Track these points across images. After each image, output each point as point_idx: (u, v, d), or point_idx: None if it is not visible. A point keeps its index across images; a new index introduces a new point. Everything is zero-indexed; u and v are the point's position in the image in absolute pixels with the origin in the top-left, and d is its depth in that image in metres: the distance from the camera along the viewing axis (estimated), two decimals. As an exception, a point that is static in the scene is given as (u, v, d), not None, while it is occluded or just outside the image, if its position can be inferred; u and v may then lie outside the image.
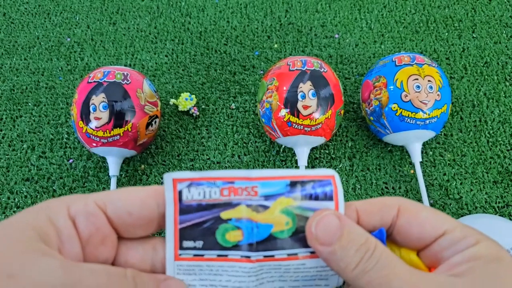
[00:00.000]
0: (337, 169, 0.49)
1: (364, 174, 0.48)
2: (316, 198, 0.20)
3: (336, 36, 0.60)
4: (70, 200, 0.19)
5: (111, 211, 0.19)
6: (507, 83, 0.55)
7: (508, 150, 0.50)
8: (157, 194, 0.20)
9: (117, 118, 0.43)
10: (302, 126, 0.44)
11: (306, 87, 0.43)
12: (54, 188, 0.48)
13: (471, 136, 0.51)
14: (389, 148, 0.50)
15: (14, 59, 0.60)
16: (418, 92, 0.43)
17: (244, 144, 0.51)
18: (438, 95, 0.44)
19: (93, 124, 0.43)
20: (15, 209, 0.47)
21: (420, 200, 0.46)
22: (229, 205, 0.20)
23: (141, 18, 0.64)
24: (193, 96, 0.53)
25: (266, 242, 0.20)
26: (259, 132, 0.52)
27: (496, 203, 0.46)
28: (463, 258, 0.18)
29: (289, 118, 0.44)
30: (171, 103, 0.53)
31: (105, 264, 0.18)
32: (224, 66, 0.58)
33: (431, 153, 0.50)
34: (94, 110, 0.43)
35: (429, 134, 0.46)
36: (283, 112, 0.44)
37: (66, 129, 0.53)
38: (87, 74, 0.57)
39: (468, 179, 0.48)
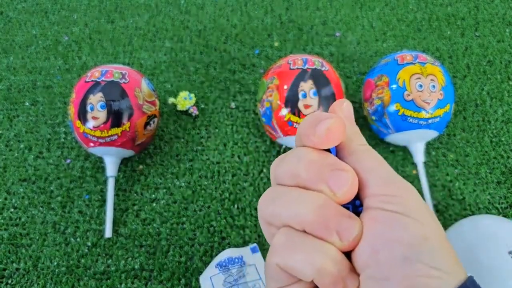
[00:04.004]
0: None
1: (365, 175, 0.48)
2: None
3: (337, 34, 0.60)
4: None
5: None
6: (511, 82, 0.54)
7: (511, 150, 0.49)
8: None
9: (115, 117, 0.42)
10: (303, 126, 0.43)
11: (307, 86, 0.43)
12: (51, 188, 0.48)
13: (474, 136, 0.50)
14: (391, 149, 0.49)
15: (12, 58, 0.59)
16: (421, 91, 0.43)
17: (244, 144, 0.50)
18: (441, 94, 0.43)
19: (91, 123, 0.42)
20: (12, 209, 0.46)
21: (422, 201, 0.46)
22: None
23: (139, 16, 0.63)
24: (192, 94, 0.53)
25: None
26: (259, 132, 0.51)
27: (499, 203, 0.45)
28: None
29: (289, 117, 0.43)
30: (169, 102, 0.52)
31: None
32: (223, 65, 0.57)
33: (433, 153, 0.49)
34: (92, 109, 0.42)
35: (432, 134, 0.45)
36: (284, 111, 0.43)
37: (63, 129, 0.52)
38: (84, 73, 0.56)
39: (471, 180, 0.47)
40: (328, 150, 0.21)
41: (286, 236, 0.19)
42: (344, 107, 0.22)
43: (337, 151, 0.21)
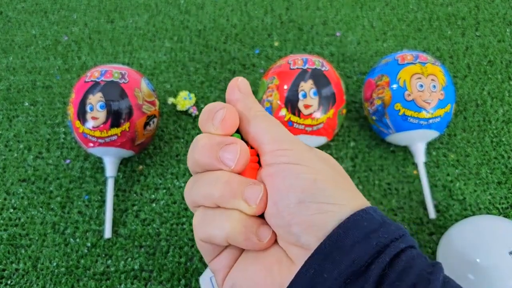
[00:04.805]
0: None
1: (366, 175, 0.48)
2: None
3: (338, 34, 0.59)
4: None
5: None
6: (511, 82, 0.54)
7: (512, 150, 0.49)
8: None
9: (115, 117, 0.42)
10: (303, 126, 0.43)
11: (307, 86, 0.43)
12: (50, 189, 0.47)
13: (475, 136, 0.50)
14: (391, 149, 0.49)
15: (11, 58, 0.59)
16: (421, 91, 0.43)
17: (244, 144, 0.50)
18: (441, 94, 0.43)
19: (90, 124, 0.42)
20: (11, 210, 0.46)
21: (423, 201, 0.46)
22: None
23: (139, 16, 0.63)
24: (192, 95, 0.52)
25: None
26: (259, 132, 0.51)
27: (500, 204, 0.45)
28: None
29: (290, 117, 0.43)
30: (169, 102, 0.52)
31: None
32: (223, 65, 0.57)
33: (434, 153, 0.49)
34: (91, 109, 0.42)
35: (432, 134, 0.45)
36: (284, 111, 0.43)
37: (63, 129, 0.52)
38: (84, 73, 0.56)
39: (471, 180, 0.47)
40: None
41: (201, 214, 0.22)
42: (239, 83, 0.24)
43: (240, 122, 0.24)
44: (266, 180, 0.22)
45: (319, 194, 0.21)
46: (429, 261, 0.21)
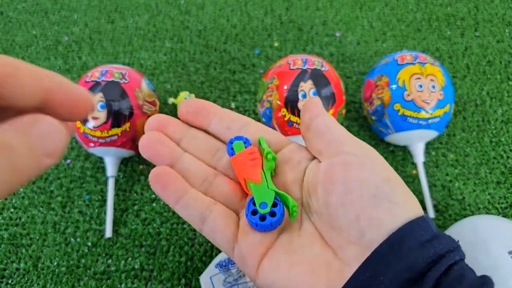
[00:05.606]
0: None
1: (365, 175, 0.48)
2: None
3: (337, 34, 0.60)
4: None
5: None
6: (510, 82, 0.54)
7: (511, 150, 0.49)
8: None
9: (115, 117, 0.42)
10: (303, 126, 0.43)
11: (307, 86, 0.43)
12: (51, 189, 0.48)
13: (474, 136, 0.50)
14: (391, 148, 0.50)
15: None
16: (421, 91, 0.43)
17: (244, 144, 0.50)
18: (440, 94, 0.43)
19: (91, 123, 0.42)
20: (12, 209, 0.46)
21: (422, 201, 0.46)
22: None
23: (139, 16, 0.63)
24: (192, 95, 0.53)
25: None
26: (259, 132, 0.51)
27: (499, 203, 0.46)
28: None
29: (289, 117, 0.43)
30: (169, 102, 0.52)
31: None
32: (223, 65, 0.57)
33: (433, 153, 0.49)
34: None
35: (431, 134, 0.45)
36: (283, 111, 0.43)
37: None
38: (84, 73, 0.56)
39: (471, 180, 0.47)
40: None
41: None
42: (315, 101, 0.27)
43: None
44: (336, 168, 0.23)
45: (391, 194, 0.21)
46: (477, 275, 0.21)
